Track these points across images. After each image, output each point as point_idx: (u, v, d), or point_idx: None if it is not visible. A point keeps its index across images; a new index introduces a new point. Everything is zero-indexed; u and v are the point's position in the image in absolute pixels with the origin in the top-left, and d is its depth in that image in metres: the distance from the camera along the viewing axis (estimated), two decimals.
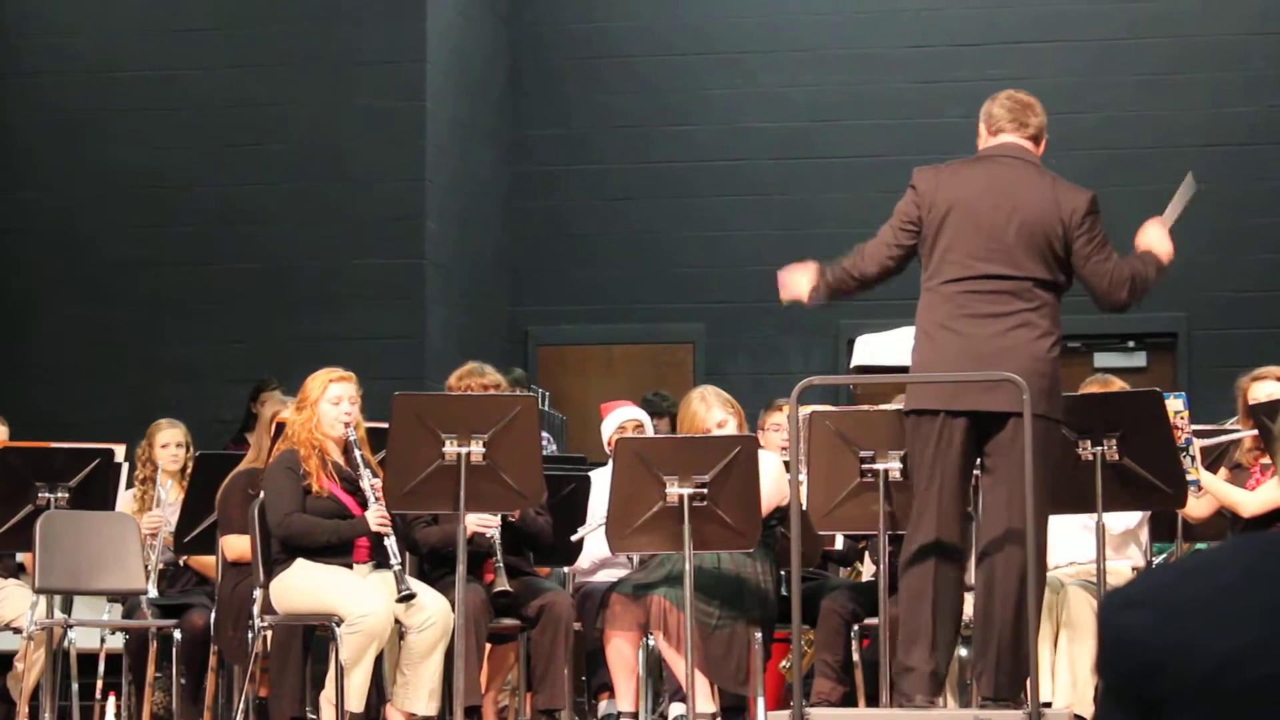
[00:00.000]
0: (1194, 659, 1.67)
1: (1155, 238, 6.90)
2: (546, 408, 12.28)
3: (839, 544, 8.77)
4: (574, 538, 8.37)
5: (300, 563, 7.81)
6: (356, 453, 7.94)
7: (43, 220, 12.66)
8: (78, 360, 12.46)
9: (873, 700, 7.75)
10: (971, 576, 6.92)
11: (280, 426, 8.35)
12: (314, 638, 8.09)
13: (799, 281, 6.92)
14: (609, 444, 8.52)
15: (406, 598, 7.66)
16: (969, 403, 6.51)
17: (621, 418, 8.88)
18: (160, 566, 9.27)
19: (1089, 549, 7.80)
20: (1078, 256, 6.60)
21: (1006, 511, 6.48)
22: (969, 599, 6.92)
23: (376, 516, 7.82)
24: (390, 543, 7.79)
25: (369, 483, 7.85)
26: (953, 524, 6.55)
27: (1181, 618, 1.70)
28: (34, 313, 12.58)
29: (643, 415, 9.04)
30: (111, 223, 12.57)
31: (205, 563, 9.26)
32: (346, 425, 7.97)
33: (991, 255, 6.54)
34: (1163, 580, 1.74)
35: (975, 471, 6.72)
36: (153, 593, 9.09)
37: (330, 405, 7.99)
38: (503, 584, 7.94)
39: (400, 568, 7.74)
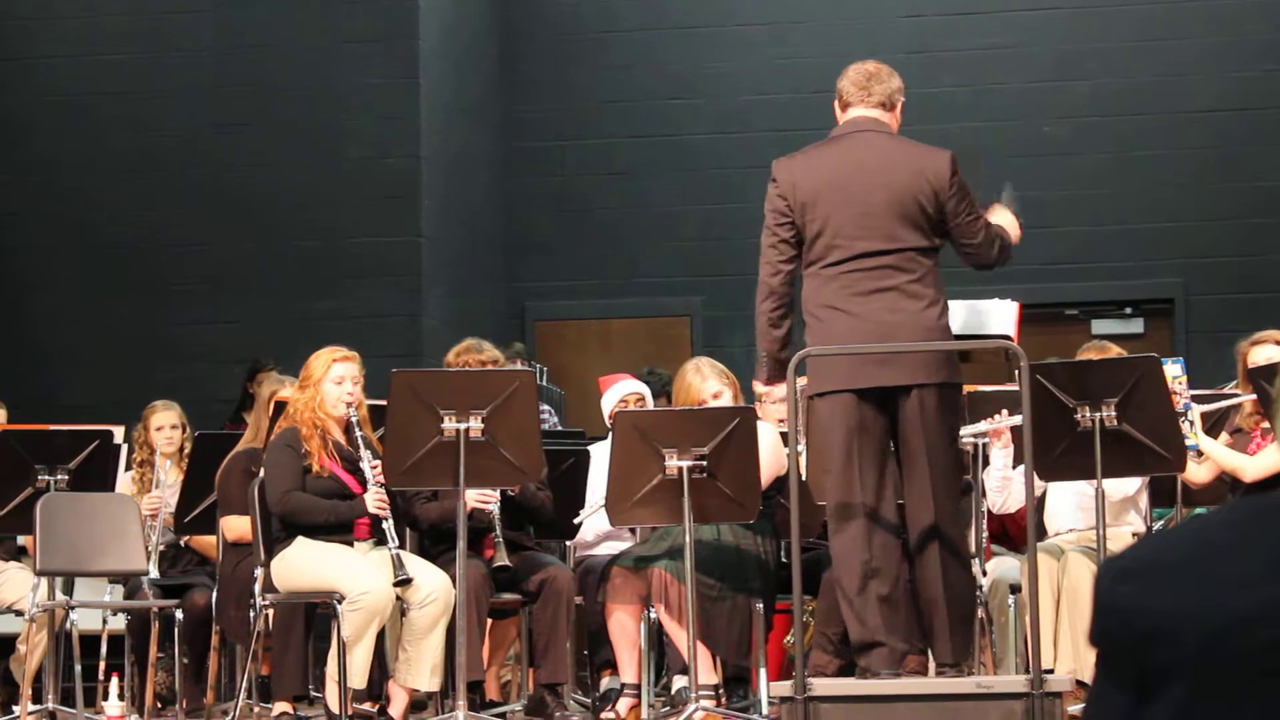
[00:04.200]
0: (1191, 627, 1.66)
1: (1006, 220, 6.89)
2: (545, 383, 12.27)
3: None
4: (575, 520, 8.37)
5: (301, 541, 7.82)
6: (358, 433, 7.94)
7: (36, 204, 12.63)
8: (73, 343, 12.45)
9: None
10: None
11: (279, 406, 8.35)
12: (315, 615, 8.10)
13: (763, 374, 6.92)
14: (610, 418, 8.50)
15: (403, 582, 7.65)
16: (870, 378, 6.52)
17: (623, 391, 8.83)
18: (161, 547, 9.27)
19: (1088, 515, 7.81)
20: (950, 216, 6.60)
21: (930, 481, 6.50)
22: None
23: (375, 499, 7.81)
24: (388, 525, 7.79)
25: (369, 464, 7.84)
26: (884, 501, 6.55)
27: (1177, 586, 1.69)
28: (28, 296, 12.56)
29: (644, 388, 8.98)
30: (105, 205, 12.55)
31: (206, 543, 9.27)
32: (349, 405, 7.96)
33: (867, 232, 6.54)
34: (1157, 548, 1.73)
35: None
36: (154, 573, 9.09)
37: (333, 385, 7.97)
38: (503, 559, 7.94)
39: (397, 552, 7.74)
